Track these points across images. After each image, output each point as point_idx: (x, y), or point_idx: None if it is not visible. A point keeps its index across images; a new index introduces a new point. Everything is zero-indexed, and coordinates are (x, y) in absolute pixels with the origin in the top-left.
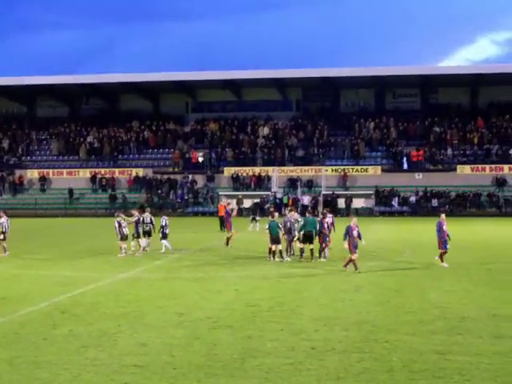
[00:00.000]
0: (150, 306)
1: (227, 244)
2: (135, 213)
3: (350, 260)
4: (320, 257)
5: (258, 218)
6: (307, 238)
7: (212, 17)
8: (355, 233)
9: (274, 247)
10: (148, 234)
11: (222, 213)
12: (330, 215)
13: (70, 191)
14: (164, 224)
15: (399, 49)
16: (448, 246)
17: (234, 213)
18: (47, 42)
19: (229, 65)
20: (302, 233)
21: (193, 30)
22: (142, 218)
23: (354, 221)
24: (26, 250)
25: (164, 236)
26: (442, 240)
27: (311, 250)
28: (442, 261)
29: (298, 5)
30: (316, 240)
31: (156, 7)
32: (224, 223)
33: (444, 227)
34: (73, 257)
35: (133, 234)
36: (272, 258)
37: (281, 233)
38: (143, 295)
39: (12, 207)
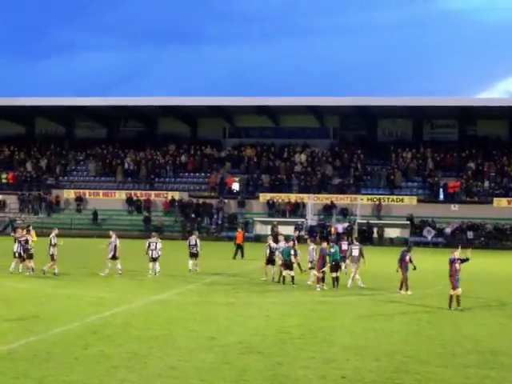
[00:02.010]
0: (180, 329)
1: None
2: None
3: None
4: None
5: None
6: (336, 267)
7: (249, 42)
8: (457, 266)
9: (284, 273)
10: (195, 255)
11: (239, 241)
12: (346, 242)
13: (95, 213)
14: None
15: (438, 79)
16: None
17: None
18: (85, 64)
19: (266, 92)
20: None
21: (231, 54)
22: (188, 241)
23: (456, 253)
24: (60, 270)
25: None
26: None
27: (336, 277)
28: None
29: (334, 32)
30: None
31: (194, 30)
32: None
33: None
34: (105, 278)
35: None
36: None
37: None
38: (174, 318)
39: (47, 226)
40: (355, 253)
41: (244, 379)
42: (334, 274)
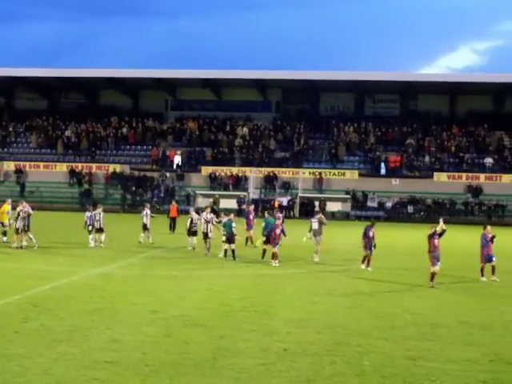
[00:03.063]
0: (123, 302)
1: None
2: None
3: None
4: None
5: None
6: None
7: (195, 15)
8: (436, 241)
9: (226, 246)
10: (194, 233)
11: (173, 214)
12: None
13: (22, 185)
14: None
15: (380, 54)
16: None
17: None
18: (27, 34)
19: (210, 64)
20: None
21: (175, 27)
22: (190, 218)
23: (437, 228)
24: None
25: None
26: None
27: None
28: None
29: (280, 6)
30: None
31: (139, 2)
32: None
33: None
34: (46, 250)
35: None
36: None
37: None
38: (117, 291)
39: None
40: (315, 226)
41: (186, 352)
42: (266, 247)
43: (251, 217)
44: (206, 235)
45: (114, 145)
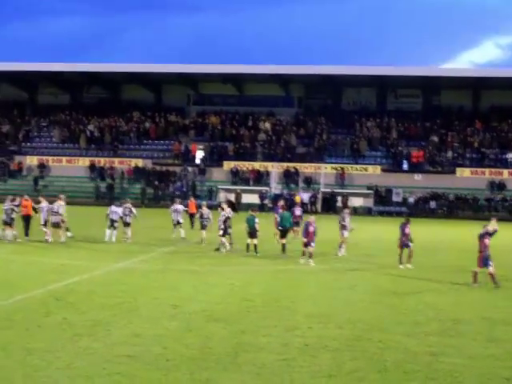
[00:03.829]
0: (144, 296)
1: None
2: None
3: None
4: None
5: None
6: (285, 233)
7: (217, 9)
8: (487, 241)
9: (248, 241)
10: (204, 227)
11: (192, 209)
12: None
13: (35, 179)
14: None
15: (403, 49)
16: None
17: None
18: (50, 29)
19: (231, 59)
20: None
21: (198, 22)
22: (200, 213)
23: (489, 227)
24: (22, 236)
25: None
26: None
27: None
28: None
29: (303, 1)
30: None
31: None
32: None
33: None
34: (69, 244)
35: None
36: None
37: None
38: (138, 286)
39: (8, 193)
40: (347, 220)
41: (207, 346)
42: (282, 241)
43: (298, 213)
44: (224, 231)
45: (137, 139)
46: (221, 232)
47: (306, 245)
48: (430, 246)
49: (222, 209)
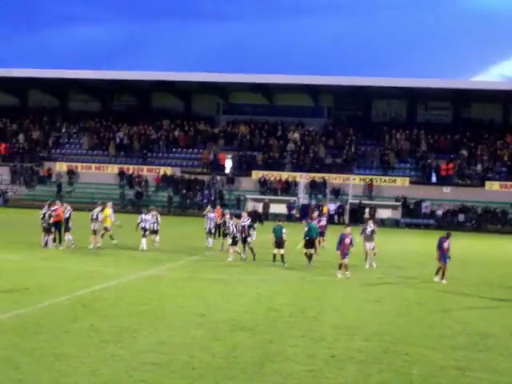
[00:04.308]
0: (171, 304)
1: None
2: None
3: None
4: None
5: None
6: (310, 244)
7: (245, 18)
8: (347, 240)
9: (275, 251)
10: (225, 235)
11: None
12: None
13: (59, 186)
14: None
15: (433, 62)
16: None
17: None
18: (80, 37)
19: (260, 68)
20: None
21: (227, 30)
22: (224, 221)
23: (347, 230)
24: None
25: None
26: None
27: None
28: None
29: (333, 11)
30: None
31: (191, 5)
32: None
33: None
34: (96, 251)
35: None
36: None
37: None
38: (165, 294)
39: (37, 199)
40: (368, 232)
41: (234, 356)
42: (310, 251)
43: (322, 223)
44: (244, 240)
45: (166, 147)
46: (230, 241)
47: (343, 257)
48: (457, 259)
49: (240, 217)
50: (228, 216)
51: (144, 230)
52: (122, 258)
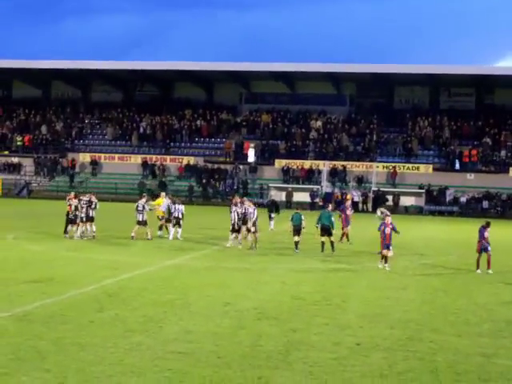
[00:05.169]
0: (196, 294)
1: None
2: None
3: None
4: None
5: (273, 215)
6: (324, 231)
7: (265, 7)
8: (388, 230)
9: (296, 238)
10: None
11: None
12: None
13: (72, 176)
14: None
15: (456, 47)
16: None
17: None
18: (103, 27)
19: (281, 56)
20: (319, 226)
21: (249, 19)
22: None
23: (388, 219)
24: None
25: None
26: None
27: (330, 241)
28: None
29: None
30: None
31: None
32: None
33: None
34: (121, 241)
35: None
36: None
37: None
38: (190, 283)
39: (60, 190)
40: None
41: (259, 344)
42: (323, 239)
43: (348, 212)
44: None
45: (188, 137)
46: (230, 227)
47: (387, 248)
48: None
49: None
50: (247, 203)
51: (177, 219)
52: (147, 248)
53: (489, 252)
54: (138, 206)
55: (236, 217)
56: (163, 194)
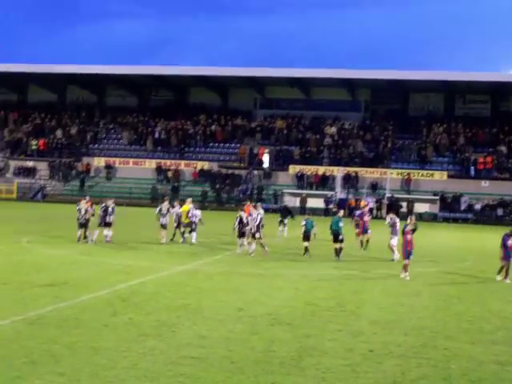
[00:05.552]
0: (209, 299)
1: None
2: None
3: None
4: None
5: (286, 221)
6: (335, 237)
7: (282, 13)
8: (409, 237)
9: (305, 243)
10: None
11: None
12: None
13: (82, 180)
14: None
15: (471, 54)
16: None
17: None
18: (118, 32)
19: (297, 62)
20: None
21: (264, 25)
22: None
23: (409, 227)
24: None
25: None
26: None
27: (339, 248)
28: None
29: (368, 4)
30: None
31: (227, 0)
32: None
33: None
34: (134, 246)
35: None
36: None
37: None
38: (203, 288)
39: (75, 194)
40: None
41: (272, 350)
42: (338, 246)
43: (366, 218)
44: (253, 235)
45: (203, 142)
46: (236, 233)
47: (405, 257)
48: (495, 253)
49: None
50: (260, 208)
51: (192, 223)
52: (160, 253)
53: (510, 261)
54: (161, 209)
55: (236, 222)
56: (189, 199)
